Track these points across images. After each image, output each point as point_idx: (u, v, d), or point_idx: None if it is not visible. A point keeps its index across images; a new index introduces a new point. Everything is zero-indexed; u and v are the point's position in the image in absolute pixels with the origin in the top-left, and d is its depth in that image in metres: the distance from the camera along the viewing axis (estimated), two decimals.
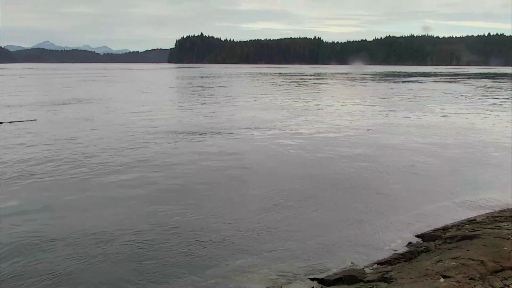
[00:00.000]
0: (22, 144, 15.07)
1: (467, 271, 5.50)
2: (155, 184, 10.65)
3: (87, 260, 6.64)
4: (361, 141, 16.30)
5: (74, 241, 7.26)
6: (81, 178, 11.07)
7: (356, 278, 6.05)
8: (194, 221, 8.27)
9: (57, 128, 18.75)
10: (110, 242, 7.26)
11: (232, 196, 9.89)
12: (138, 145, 15.17)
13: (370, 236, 7.77)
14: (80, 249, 6.98)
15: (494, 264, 5.65)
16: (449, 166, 12.83)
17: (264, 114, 24.07)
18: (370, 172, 12.04)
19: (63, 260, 6.62)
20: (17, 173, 11.36)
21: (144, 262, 6.65)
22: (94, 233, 7.59)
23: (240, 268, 6.50)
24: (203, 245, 7.24)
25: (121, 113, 24.26)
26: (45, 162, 12.47)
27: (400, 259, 6.72)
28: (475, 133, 18.42)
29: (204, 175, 11.55)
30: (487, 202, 9.63)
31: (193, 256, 6.86)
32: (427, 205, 9.42)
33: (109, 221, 8.21)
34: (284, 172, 11.97)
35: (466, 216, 8.72)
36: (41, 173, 11.38)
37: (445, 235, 7.50)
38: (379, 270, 6.33)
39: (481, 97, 38.52)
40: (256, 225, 8.11)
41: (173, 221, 8.26)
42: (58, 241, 7.27)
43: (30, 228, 7.81)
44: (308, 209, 9.07)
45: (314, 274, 6.37)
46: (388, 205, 9.42)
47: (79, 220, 8.32)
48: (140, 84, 57.22)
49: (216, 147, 15.10)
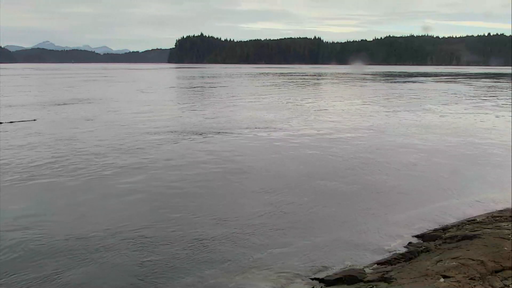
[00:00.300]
0: (21, 144, 15.07)
1: (467, 271, 5.50)
2: (156, 184, 10.65)
3: (87, 260, 6.65)
4: (361, 141, 16.30)
5: (75, 241, 7.27)
6: (81, 177, 11.07)
7: (356, 278, 6.05)
8: (194, 221, 8.28)
9: (56, 128, 18.75)
10: (110, 242, 7.27)
11: (232, 196, 9.90)
12: (139, 145, 15.17)
13: (370, 236, 7.77)
14: (80, 249, 6.98)
15: (494, 264, 5.65)
16: (449, 166, 12.84)
17: (265, 114, 24.09)
18: (370, 172, 12.04)
19: (64, 260, 6.62)
20: (16, 173, 11.36)
21: (145, 262, 6.65)
22: (94, 233, 7.60)
23: (240, 268, 6.50)
24: (203, 245, 7.25)
25: (122, 113, 24.26)
26: (45, 162, 12.47)
27: (400, 259, 6.73)
28: (475, 133, 18.43)
29: (205, 175, 11.54)
30: (487, 202, 9.64)
31: (193, 256, 6.86)
32: (427, 205, 9.43)
33: (108, 221, 8.22)
34: (284, 172, 11.97)
35: (466, 216, 8.73)
36: (40, 173, 11.38)
37: (445, 235, 7.50)
38: (379, 270, 6.34)
39: (481, 97, 38.52)
40: (256, 225, 8.12)
41: (173, 221, 8.26)
42: (58, 241, 7.28)
43: (30, 228, 7.81)
44: (308, 209, 9.07)
45: (314, 274, 6.38)
46: (388, 205, 9.42)
47: (80, 220, 8.32)
48: (141, 84, 57.19)
49: (219, 146, 15.10)
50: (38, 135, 16.90)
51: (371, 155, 13.95)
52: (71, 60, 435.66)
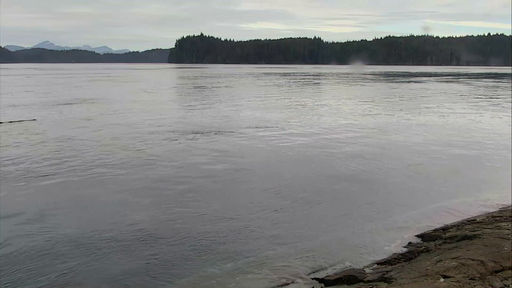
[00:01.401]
0: (18, 143, 15.07)
1: (467, 271, 5.50)
2: (157, 184, 10.65)
3: (89, 258, 6.65)
4: (362, 141, 16.31)
5: (74, 242, 7.27)
6: (82, 177, 11.08)
7: (356, 278, 6.06)
8: (194, 221, 8.28)
9: (60, 127, 18.75)
10: (110, 242, 7.27)
11: (233, 196, 9.90)
12: (142, 145, 15.18)
13: (370, 236, 7.77)
14: (80, 249, 6.98)
15: (494, 264, 5.65)
16: (449, 165, 12.84)
17: (268, 114, 24.16)
18: (370, 172, 12.05)
19: (65, 258, 6.63)
20: (15, 172, 11.37)
21: (145, 262, 6.65)
22: (93, 233, 7.60)
23: (240, 268, 6.51)
24: (203, 245, 7.25)
25: (125, 113, 24.23)
26: (45, 163, 12.48)
27: (400, 259, 6.73)
28: (475, 133, 18.42)
29: (205, 174, 11.54)
30: (487, 202, 9.64)
31: (193, 256, 6.86)
32: (427, 205, 9.43)
33: (108, 220, 8.22)
34: (285, 171, 11.98)
35: (466, 216, 8.73)
36: (39, 173, 11.37)
37: (445, 235, 7.50)
38: (379, 270, 6.34)
39: (481, 97, 38.51)
40: (257, 225, 8.12)
41: (173, 221, 8.27)
42: (58, 241, 7.28)
43: (30, 229, 7.82)
44: (309, 208, 9.08)
45: (315, 273, 6.38)
46: (388, 205, 9.43)
47: (80, 220, 8.32)
48: (146, 84, 57.32)
49: (221, 145, 15.12)
50: (38, 135, 16.84)
51: (371, 155, 13.94)
52: (71, 60, 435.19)
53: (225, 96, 36.90)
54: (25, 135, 16.93)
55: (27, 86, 51.16)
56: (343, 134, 17.86)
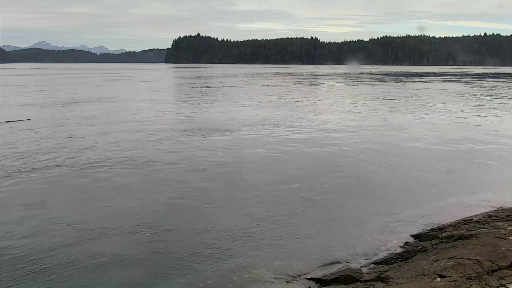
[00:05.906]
0: (16, 142, 15.01)
1: (463, 270, 5.51)
2: (157, 184, 10.64)
3: (87, 258, 6.63)
4: (361, 141, 16.32)
5: (74, 241, 7.24)
6: (81, 177, 11.05)
7: (353, 277, 6.06)
8: (194, 221, 8.28)
9: (54, 128, 18.69)
10: (110, 242, 7.25)
11: (232, 195, 9.89)
12: (146, 144, 15.16)
13: (367, 235, 7.78)
14: (80, 249, 6.96)
15: (491, 264, 5.66)
16: (447, 165, 12.86)
17: (268, 113, 24.29)
18: (367, 171, 12.05)
19: (64, 257, 6.61)
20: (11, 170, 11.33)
21: (144, 262, 6.64)
22: (94, 232, 7.58)
23: (238, 268, 6.50)
24: (203, 244, 7.24)
25: (127, 113, 24.19)
26: (53, 160, 12.45)
27: (397, 258, 6.74)
28: (475, 133, 18.47)
29: (205, 174, 11.54)
30: (483, 201, 9.66)
31: (192, 256, 6.85)
32: (423, 204, 9.45)
33: (108, 220, 8.19)
34: (284, 171, 11.98)
35: (463, 215, 8.75)
36: (38, 172, 11.34)
37: (442, 235, 7.52)
38: (376, 269, 6.35)
39: (480, 96, 38.60)
40: (255, 225, 8.11)
41: (173, 220, 8.25)
42: (58, 242, 7.25)
43: (30, 228, 7.79)
44: (306, 208, 9.07)
45: (311, 273, 6.38)
46: (384, 204, 9.44)
47: (80, 219, 8.28)
48: (152, 84, 57.55)
49: (222, 144, 15.16)
50: (38, 134, 16.78)
51: (369, 155, 13.95)
52: (67, 60, 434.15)
53: (231, 96, 37.63)
54: (22, 134, 16.89)
55: (37, 86, 50.97)
56: (342, 134, 17.86)
